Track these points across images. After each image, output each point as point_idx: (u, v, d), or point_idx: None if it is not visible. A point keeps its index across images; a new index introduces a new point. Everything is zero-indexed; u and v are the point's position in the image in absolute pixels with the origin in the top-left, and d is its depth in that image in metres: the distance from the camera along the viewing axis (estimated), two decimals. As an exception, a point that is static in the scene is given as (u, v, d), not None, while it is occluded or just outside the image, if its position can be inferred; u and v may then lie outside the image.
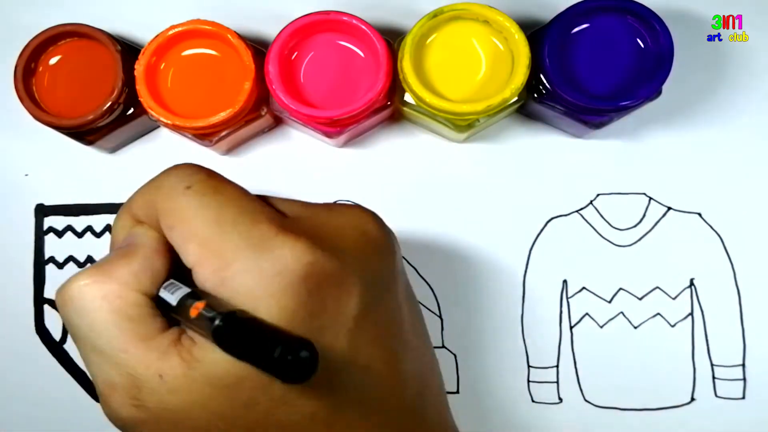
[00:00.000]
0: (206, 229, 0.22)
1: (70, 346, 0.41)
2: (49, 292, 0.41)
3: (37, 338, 0.41)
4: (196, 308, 0.21)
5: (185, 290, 0.22)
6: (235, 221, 0.22)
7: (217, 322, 0.19)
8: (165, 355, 0.22)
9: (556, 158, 0.41)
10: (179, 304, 0.22)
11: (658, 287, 0.40)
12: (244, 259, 0.21)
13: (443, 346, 0.40)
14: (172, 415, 0.22)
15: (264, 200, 0.25)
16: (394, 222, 0.41)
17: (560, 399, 0.40)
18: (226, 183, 0.24)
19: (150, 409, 0.22)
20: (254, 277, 0.21)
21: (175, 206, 0.23)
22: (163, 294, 0.23)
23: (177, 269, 0.24)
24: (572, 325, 0.40)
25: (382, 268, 0.25)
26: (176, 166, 0.24)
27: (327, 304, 0.22)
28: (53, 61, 0.37)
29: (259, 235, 0.22)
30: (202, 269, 0.22)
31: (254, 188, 0.41)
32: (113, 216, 0.41)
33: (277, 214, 0.24)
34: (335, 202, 0.24)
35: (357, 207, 0.26)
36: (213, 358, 0.21)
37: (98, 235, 0.41)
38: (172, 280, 0.24)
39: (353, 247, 0.24)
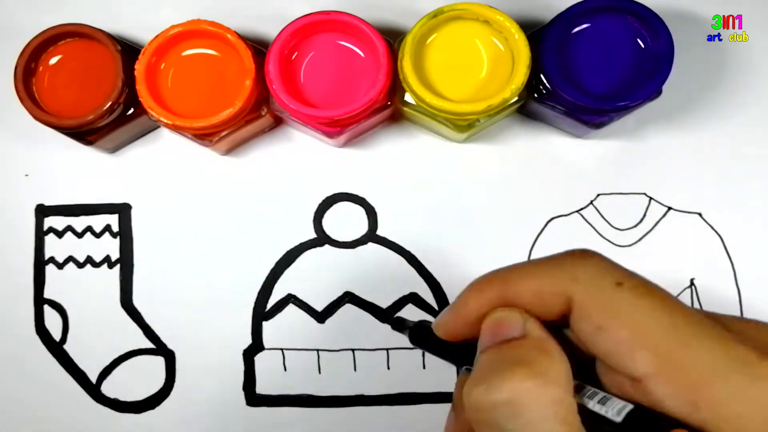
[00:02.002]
0: (665, 338, 0.20)
1: (70, 346, 0.41)
2: (49, 292, 0.41)
3: (37, 338, 0.41)
4: None
5: (619, 402, 0.20)
6: (699, 335, 0.20)
7: None
8: None
9: (556, 158, 0.41)
10: (628, 419, 0.19)
11: (658, 287, 0.40)
12: (727, 383, 0.19)
13: (443, 346, 0.40)
14: None
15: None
16: (393, 221, 0.41)
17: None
18: (654, 285, 0.22)
19: None
20: (747, 406, 0.19)
21: (608, 304, 0.21)
22: (595, 406, 0.21)
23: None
24: (572, 325, 0.40)
25: None
26: (585, 255, 0.22)
27: None
28: (53, 61, 0.37)
29: (739, 358, 0.19)
30: (661, 384, 0.20)
31: (254, 188, 0.41)
32: (113, 216, 0.42)
33: (730, 331, 0.21)
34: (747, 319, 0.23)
35: None
36: None
37: (98, 235, 0.41)
38: (588, 386, 0.21)
39: None
